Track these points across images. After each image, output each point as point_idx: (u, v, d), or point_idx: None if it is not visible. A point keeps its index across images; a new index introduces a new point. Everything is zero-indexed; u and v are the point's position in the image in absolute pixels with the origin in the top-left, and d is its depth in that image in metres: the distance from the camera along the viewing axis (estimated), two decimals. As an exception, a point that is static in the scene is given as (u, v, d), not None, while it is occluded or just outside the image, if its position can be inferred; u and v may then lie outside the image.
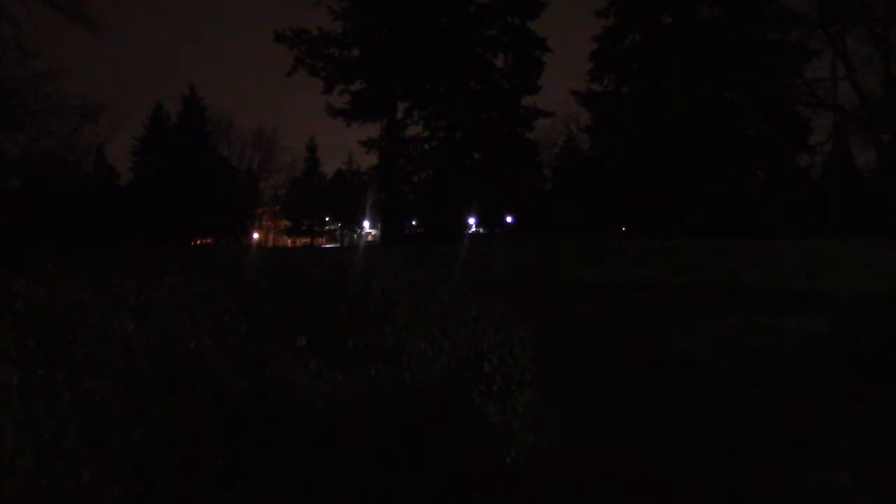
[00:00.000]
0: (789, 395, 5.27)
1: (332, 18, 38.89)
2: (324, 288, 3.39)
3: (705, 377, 6.43)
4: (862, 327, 4.90)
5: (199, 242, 50.18)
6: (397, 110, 40.90)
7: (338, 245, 61.60)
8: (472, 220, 46.37)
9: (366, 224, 61.55)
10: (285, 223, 65.58)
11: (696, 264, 17.29)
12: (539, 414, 3.89)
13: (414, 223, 49.52)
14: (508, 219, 46.89)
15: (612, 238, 33.10)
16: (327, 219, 66.91)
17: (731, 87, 35.11)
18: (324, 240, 66.69)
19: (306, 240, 64.43)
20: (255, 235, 60.09)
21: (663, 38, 37.97)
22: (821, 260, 17.27)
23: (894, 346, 4.43)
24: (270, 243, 63.37)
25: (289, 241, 65.55)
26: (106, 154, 50.31)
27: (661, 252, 19.97)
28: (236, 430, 2.51)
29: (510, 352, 3.78)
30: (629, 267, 17.73)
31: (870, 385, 4.23)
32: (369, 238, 62.67)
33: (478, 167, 41.72)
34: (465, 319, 3.73)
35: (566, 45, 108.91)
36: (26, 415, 2.00)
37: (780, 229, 31.43)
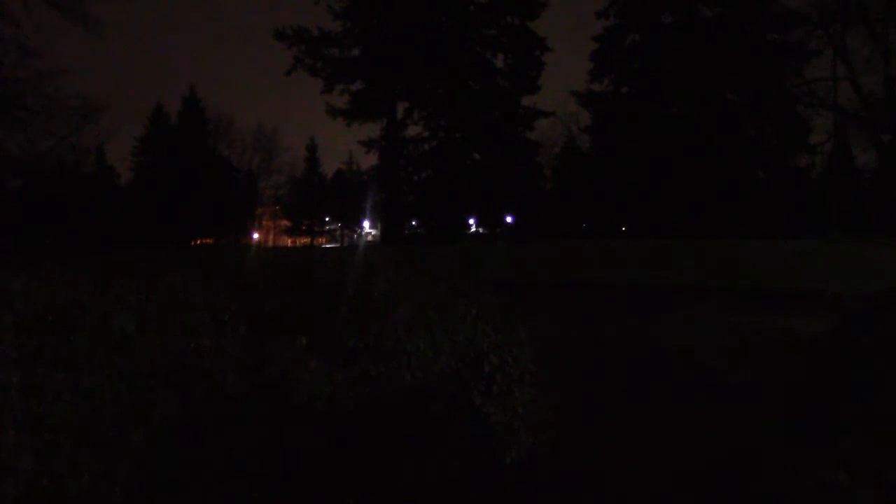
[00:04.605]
0: (789, 394, 5.27)
1: (332, 18, 38.93)
2: (324, 288, 3.39)
3: (705, 377, 6.44)
4: (862, 327, 4.90)
5: (199, 242, 50.16)
6: (397, 110, 40.89)
7: (338, 245, 61.59)
8: (472, 220, 46.35)
9: (366, 224, 61.54)
10: (285, 223, 65.57)
11: (694, 264, 17.27)
12: (539, 414, 3.89)
13: (414, 223, 49.49)
14: (508, 219, 46.87)
15: (612, 238, 33.10)
16: (327, 219, 66.90)
17: (731, 86, 35.11)
18: (324, 240, 66.69)
19: (306, 240, 64.43)
20: (256, 235, 60.10)
21: (663, 38, 37.95)
22: (821, 260, 17.27)
23: (894, 346, 4.43)
24: (270, 243, 63.36)
25: (289, 241, 65.55)
26: (106, 154, 50.37)
27: (660, 252, 19.96)
28: (236, 430, 2.51)
29: (510, 352, 3.77)
30: (629, 267, 17.72)
31: (870, 385, 4.23)
32: (369, 238, 62.65)
33: (478, 167, 41.71)
34: (465, 319, 3.73)
35: (566, 45, 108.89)
36: (26, 415, 2.00)
37: (780, 229, 31.42)
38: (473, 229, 47.51)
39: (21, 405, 2.01)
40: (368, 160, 69.48)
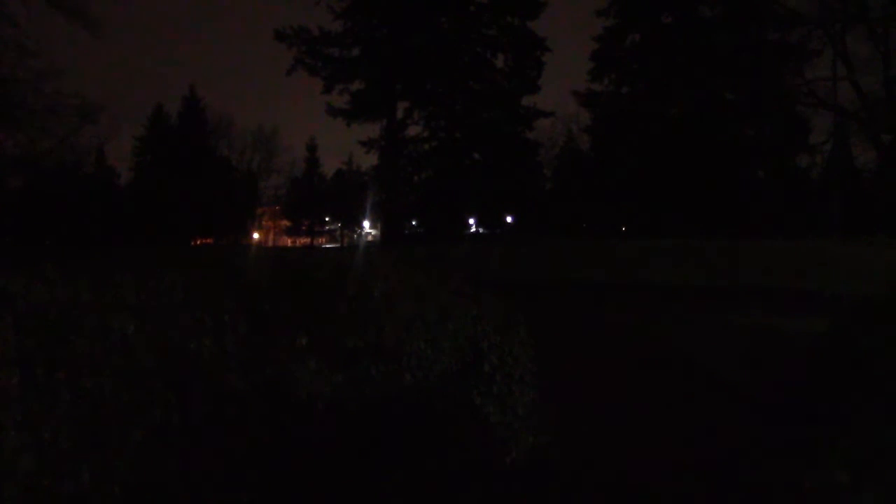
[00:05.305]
0: (789, 394, 5.27)
1: (332, 18, 38.96)
2: (324, 288, 3.39)
3: (705, 377, 6.44)
4: (861, 328, 4.90)
5: (199, 242, 50.15)
6: (397, 110, 40.89)
7: (338, 245, 61.60)
8: (472, 220, 46.35)
9: (366, 224, 61.52)
10: (285, 223, 65.56)
11: (695, 264, 17.27)
12: (539, 414, 3.89)
13: (414, 223, 49.48)
14: (508, 219, 46.87)
15: (612, 238, 33.08)
16: (327, 219, 66.88)
17: (731, 87, 35.10)
18: (324, 240, 66.68)
19: (306, 240, 64.41)
20: (256, 235, 60.06)
21: (663, 38, 37.96)
22: (821, 260, 17.25)
23: (894, 346, 4.43)
24: (270, 243, 63.35)
25: (289, 241, 65.53)
26: (106, 154, 50.39)
27: (660, 252, 19.95)
28: (236, 430, 2.51)
29: (510, 352, 3.77)
30: (629, 267, 17.72)
31: (870, 385, 4.23)
32: (369, 238, 62.60)
33: (478, 167, 41.69)
34: (466, 319, 3.72)
35: (566, 45, 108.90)
36: (26, 415, 2.00)
37: (780, 229, 31.42)
38: (473, 229, 47.50)
39: (21, 405, 2.01)
40: (368, 160, 69.51)
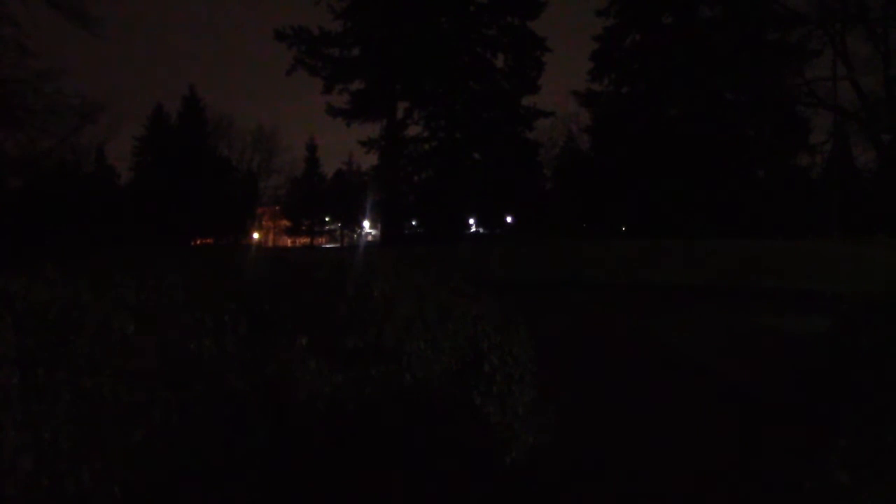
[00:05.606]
0: (788, 394, 5.27)
1: (332, 18, 38.97)
2: (324, 288, 3.39)
3: (705, 377, 6.44)
4: (862, 327, 4.90)
5: (199, 242, 50.09)
6: (397, 110, 40.89)
7: (338, 245, 61.59)
8: (472, 220, 46.35)
9: (366, 224, 61.49)
10: (285, 223, 65.53)
11: (695, 264, 17.27)
12: (539, 414, 3.89)
13: (414, 223, 49.46)
14: (508, 219, 46.87)
15: (612, 238, 33.05)
16: (327, 219, 66.87)
17: (731, 87, 35.11)
18: (324, 240, 66.66)
19: (306, 240, 64.39)
20: (255, 235, 60.00)
21: (663, 38, 37.93)
22: (821, 260, 17.25)
23: (894, 346, 4.43)
24: (270, 243, 63.33)
25: (289, 241, 65.51)
26: (106, 154, 50.32)
27: (660, 252, 19.95)
28: (236, 429, 2.51)
29: (510, 352, 3.77)
30: (629, 267, 17.71)
31: (870, 385, 4.23)
32: (369, 238, 62.56)
33: (478, 167, 41.68)
34: (466, 319, 3.72)
35: (566, 45, 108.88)
36: (26, 415, 2.00)
37: (780, 229, 31.41)
38: (473, 229, 47.49)
39: (21, 405, 2.01)
40: (368, 160, 69.48)
